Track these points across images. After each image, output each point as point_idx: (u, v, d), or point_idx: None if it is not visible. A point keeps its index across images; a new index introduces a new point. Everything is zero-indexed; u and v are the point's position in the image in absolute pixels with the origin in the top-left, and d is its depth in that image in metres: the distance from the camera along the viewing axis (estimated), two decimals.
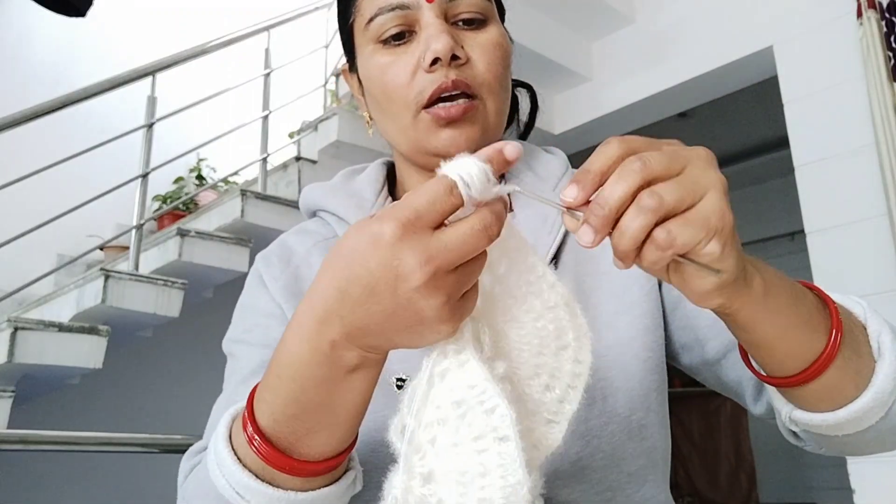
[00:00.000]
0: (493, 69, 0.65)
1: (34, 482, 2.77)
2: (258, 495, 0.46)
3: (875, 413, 0.50)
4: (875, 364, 0.50)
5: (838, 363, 0.48)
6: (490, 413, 0.39)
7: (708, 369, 0.68)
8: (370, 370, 0.44)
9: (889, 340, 0.51)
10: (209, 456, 0.50)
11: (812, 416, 0.51)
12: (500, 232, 0.40)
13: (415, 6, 0.64)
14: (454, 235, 0.38)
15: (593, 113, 3.30)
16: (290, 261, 0.71)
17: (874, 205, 2.29)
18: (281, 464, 0.45)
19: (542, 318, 0.45)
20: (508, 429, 0.38)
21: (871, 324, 0.52)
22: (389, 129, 0.69)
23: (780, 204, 4.72)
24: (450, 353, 0.41)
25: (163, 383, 3.16)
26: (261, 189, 3.03)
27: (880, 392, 0.49)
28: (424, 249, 0.37)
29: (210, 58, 3.11)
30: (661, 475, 0.66)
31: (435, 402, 0.40)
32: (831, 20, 2.51)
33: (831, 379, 0.48)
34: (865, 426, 0.51)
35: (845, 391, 0.50)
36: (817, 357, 0.48)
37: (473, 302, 0.42)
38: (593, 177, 0.39)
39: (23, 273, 2.85)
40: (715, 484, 4.51)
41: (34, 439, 1.50)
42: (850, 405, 0.49)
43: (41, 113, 2.54)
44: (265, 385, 0.46)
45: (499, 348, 0.45)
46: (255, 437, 0.46)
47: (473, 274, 0.40)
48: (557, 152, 0.77)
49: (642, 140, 0.41)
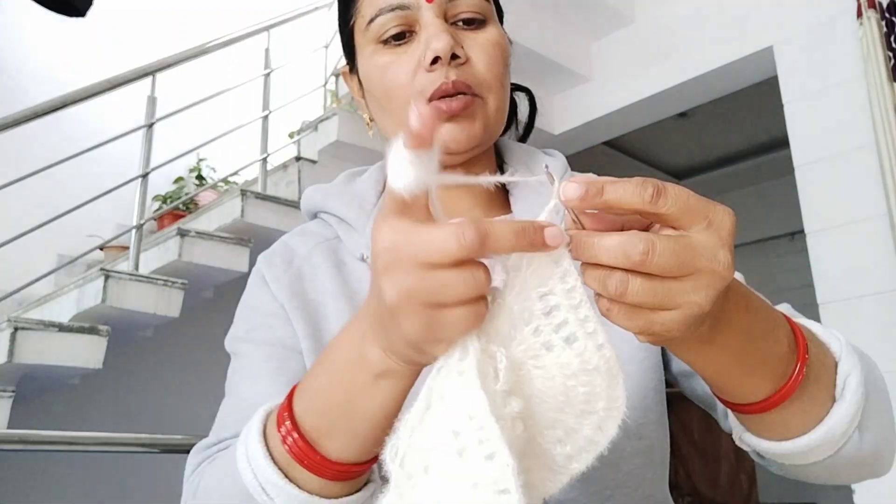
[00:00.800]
0: (492, 68, 0.66)
1: (34, 482, 2.77)
2: (282, 494, 0.47)
3: (823, 450, 0.49)
4: (832, 404, 0.49)
5: (790, 405, 0.47)
6: (489, 460, 0.36)
7: (685, 380, 0.69)
8: (395, 384, 0.43)
9: (855, 383, 0.49)
10: (238, 449, 0.50)
11: (759, 442, 0.51)
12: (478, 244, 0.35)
13: (415, 6, 0.64)
14: (421, 231, 0.36)
15: (593, 113, 3.31)
16: (292, 261, 0.72)
17: (874, 205, 2.29)
18: (304, 457, 0.46)
19: (576, 379, 0.41)
20: (510, 482, 0.35)
21: (843, 362, 0.51)
22: (390, 128, 0.69)
23: (780, 204, 4.73)
24: (452, 373, 0.38)
25: (163, 383, 3.16)
26: (261, 189, 3.03)
27: (830, 433, 0.48)
28: (392, 234, 0.37)
29: (210, 58, 3.12)
30: (660, 474, 0.67)
31: (432, 426, 0.37)
32: (831, 20, 2.51)
33: (781, 415, 0.48)
34: (812, 460, 0.50)
35: (791, 428, 0.49)
36: (762, 399, 0.47)
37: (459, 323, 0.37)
38: (600, 202, 0.38)
39: (23, 273, 2.85)
40: (715, 484, 4.51)
41: (34, 439, 1.50)
42: (797, 439, 0.49)
43: (41, 113, 2.54)
44: (308, 374, 0.48)
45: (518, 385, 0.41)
46: (290, 428, 0.47)
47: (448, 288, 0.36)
48: (556, 154, 0.77)
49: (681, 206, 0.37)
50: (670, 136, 4.56)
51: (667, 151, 4.87)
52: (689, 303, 0.37)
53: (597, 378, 0.41)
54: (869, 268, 2.29)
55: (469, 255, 0.35)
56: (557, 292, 0.40)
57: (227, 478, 0.51)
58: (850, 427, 0.49)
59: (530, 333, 0.40)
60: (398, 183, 0.36)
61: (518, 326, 0.41)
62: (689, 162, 5.07)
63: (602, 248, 0.37)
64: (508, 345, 0.41)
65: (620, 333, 0.64)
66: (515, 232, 0.37)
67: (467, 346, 0.38)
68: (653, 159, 4.96)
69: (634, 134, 3.63)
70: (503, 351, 0.40)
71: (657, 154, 4.90)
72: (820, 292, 2.39)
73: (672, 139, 4.63)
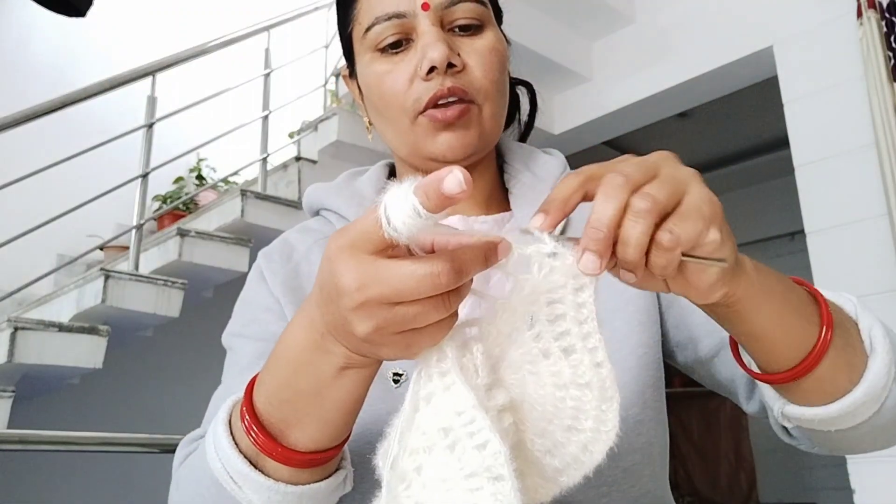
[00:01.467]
0: (489, 75, 0.66)
1: (34, 482, 2.77)
2: (250, 482, 0.47)
3: (868, 407, 0.50)
4: (867, 358, 0.50)
5: (831, 356, 0.48)
6: (481, 449, 0.36)
7: (702, 367, 0.69)
8: (360, 372, 0.43)
9: (881, 335, 0.51)
10: (207, 440, 0.51)
11: (804, 411, 0.51)
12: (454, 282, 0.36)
13: (411, 14, 0.64)
14: (393, 272, 0.36)
15: (593, 113, 3.31)
16: (290, 257, 0.72)
17: (874, 205, 2.29)
18: (270, 449, 0.46)
19: (566, 391, 0.40)
20: (503, 467, 0.36)
21: (862, 319, 0.52)
22: (388, 134, 0.70)
23: (780, 204, 4.72)
24: (434, 375, 0.38)
25: (163, 383, 3.16)
26: (261, 189, 3.03)
27: (873, 386, 0.49)
28: (360, 274, 0.36)
29: (210, 58, 3.12)
30: (659, 471, 0.67)
31: (420, 428, 0.38)
32: (831, 20, 2.51)
33: (824, 372, 0.49)
34: (858, 421, 0.51)
35: (838, 384, 0.50)
36: (811, 349, 0.48)
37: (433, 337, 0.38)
38: (558, 203, 0.39)
39: (23, 273, 2.85)
40: (715, 484, 4.51)
41: (34, 439, 1.50)
42: (843, 399, 0.49)
43: (41, 113, 2.54)
44: (266, 367, 0.48)
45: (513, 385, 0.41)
46: (250, 422, 0.47)
47: (421, 317, 0.37)
48: (556, 153, 0.77)
49: (595, 165, 0.41)
50: (670, 136, 4.56)
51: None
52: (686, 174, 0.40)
53: (587, 394, 0.40)
54: (869, 268, 2.29)
55: (443, 291, 0.36)
56: (567, 303, 0.40)
57: (200, 467, 0.52)
58: (889, 378, 0.50)
59: (531, 338, 0.40)
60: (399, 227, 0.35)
61: (520, 329, 0.41)
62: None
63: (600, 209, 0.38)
64: (508, 345, 0.41)
65: (619, 332, 0.65)
66: (482, 259, 0.38)
67: (443, 349, 0.39)
68: None
69: (634, 134, 3.63)
70: (479, 346, 0.40)
71: None
72: None
73: (672, 139, 4.63)
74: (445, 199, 0.34)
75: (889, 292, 2.23)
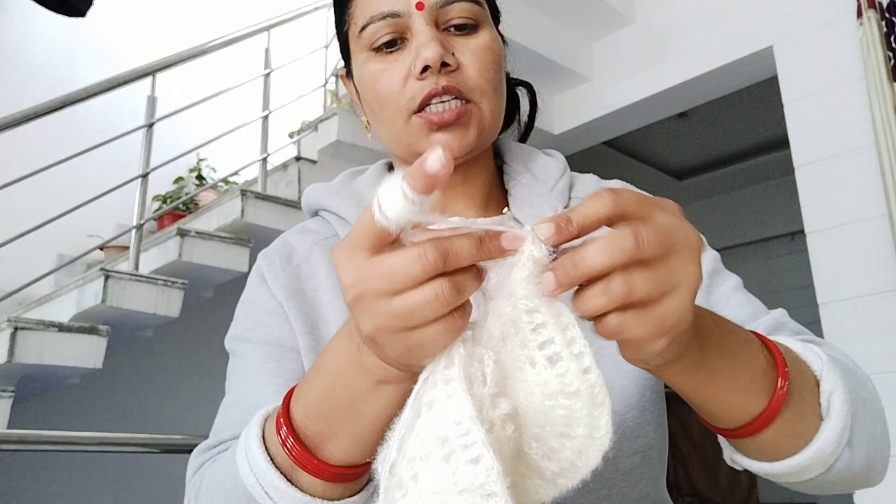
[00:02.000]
0: (484, 73, 0.66)
1: (34, 482, 2.77)
2: (285, 497, 0.48)
3: (814, 469, 0.49)
4: (820, 423, 0.49)
5: (776, 425, 0.47)
6: (475, 464, 0.36)
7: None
8: (395, 388, 0.43)
9: (840, 400, 0.49)
10: (239, 453, 0.51)
11: (749, 462, 0.52)
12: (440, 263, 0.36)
13: (405, 14, 0.64)
14: (384, 262, 0.36)
15: (593, 113, 3.31)
16: (290, 259, 0.72)
17: (874, 205, 2.29)
18: (305, 462, 0.46)
19: (555, 399, 0.39)
20: (496, 484, 0.35)
21: (825, 381, 0.50)
22: (384, 133, 0.70)
23: (780, 204, 4.73)
24: (439, 382, 0.38)
25: (163, 383, 3.16)
26: (261, 189, 3.03)
27: (820, 452, 0.48)
28: (355, 270, 0.37)
29: (210, 58, 3.12)
30: (657, 473, 0.67)
31: (420, 435, 0.37)
32: (831, 20, 2.51)
33: (769, 437, 0.48)
34: (804, 479, 0.51)
35: (781, 449, 0.49)
36: (751, 420, 0.47)
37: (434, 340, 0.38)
38: (573, 228, 0.38)
39: (23, 273, 2.85)
40: (715, 484, 4.51)
41: (34, 439, 1.50)
42: (787, 460, 0.49)
43: (41, 113, 2.54)
44: (306, 379, 0.48)
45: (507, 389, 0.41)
46: (287, 433, 0.47)
47: (417, 311, 0.36)
48: (556, 154, 0.77)
49: (636, 200, 0.38)
50: (670, 136, 4.56)
51: (667, 151, 4.87)
52: (687, 275, 0.38)
53: (577, 402, 0.39)
54: (869, 268, 2.29)
55: (433, 273, 0.36)
56: (544, 311, 0.39)
57: (228, 480, 0.52)
58: (839, 445, 0.49)
59: (518, 345, 0.40)
60: (390, 213, 0.36)
61: (508, 334, 0.40)
62: (689, 162, 5.07)
63: (592, 255, 0.36)
64: (501, 348, 0.41)
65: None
66: (475, 244, 0.37)
67: (452, 354, 0.38)
68: (653, 159, 4.96)
69: (634, 134, 3.63)
70: (490, 354, 0.40)
71: (657, 154, 4.89)
72: (820, 292, 2.39)
73: (672, 139, 4.63)
74: (429, 177, 0.35)
75: (889, 292, 2.23)
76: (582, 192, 0.74)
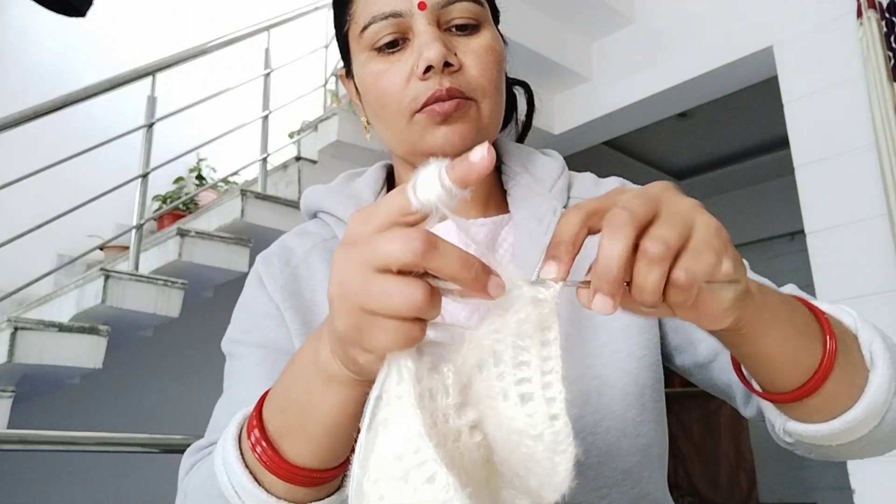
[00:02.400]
0: (486, 74, 0.66)
1: (34, 482, 2.77)
2: (251, 497, 0.48)
3: (868, 423, 0.50)
4: (868, 373, 0.50)
5: (834, 374, 0.48)
6: (431, 482, 0.35)
7: (699, 371, 0.69)
8: (343, 387, 0.42)
9: (881, 350, 0.50)
10: (216, 452, 0.51)
11: (806, 427, 0.51)
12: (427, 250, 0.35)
13: (407, 14, 0.64)
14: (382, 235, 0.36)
15: (593, 113, 3.31)
16: (289, 261, 0.72)
17: (874, 205, 2.29)
18: (267, 459, 0.46)
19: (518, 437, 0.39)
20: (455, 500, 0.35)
21: (862, 333, 0.52)
22: (385, 133, 0.69)
23: (780, 204, 4.72)
24: (392, 399, 0.37)
25: (163, 383, 3.16)
26: (261, 189, 3.03)
27: (873, 402, 0.49)
28: (353, 233, 0.38)
29: (210, 58, 3.11)
30: (658, 472, 0.67)
31: (380, 454, 0.37)
32: (831, 20, 2.51)
33: (828, 391, 0.48)
34: (859, 436, 0.51)
35: (840, 402, 0.49)
36: (815, 369, 0.48)
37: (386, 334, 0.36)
38: (566, 246, 0.38)
39: (23, 273, 2.85)
40: (715, 484, 4.51)
41: (34, 439, 1.50)
42: (844, 416, 0.49)
43: (41, 113, 2.54)
44: (280, 375, 0.48)
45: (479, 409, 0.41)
46: (255, 429, 0.47)
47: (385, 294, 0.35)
48: (554, 154, 0.77)
49: (595, 200, 0.40)
50: (670, 136, 4.56)
51: (667, 151, 4.87)
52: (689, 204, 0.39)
53: (539, 446, 0.39)
54: (869, 268, 2.29)
55: (412, 260, 0.35)
56: (533, 353, 0.39)
57: (209, 479, 0.52)
58: (889, 392, 0.50)
59: (495, 375, 0.40)
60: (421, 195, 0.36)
61: (486, 363, 0.40)
62: (689, 162, 5.06)
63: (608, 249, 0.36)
64: (475, 374, 0.41)
65: (618, 334, 0.64)
66: (462, 260, 0.36)
67: (402, 370, 0.38)
68: (653, 159, 4.96)
69: (634, 134, 3.63)
70: (450, 366, 0.40)
71: (657, 154, 4.89)
72: (820, 292, 2.39)
73: (672, 139, 4.63)
74: (469, 165, 0.35)
75: (889, 292, 2.23)
76: (580, 192, 0.74)
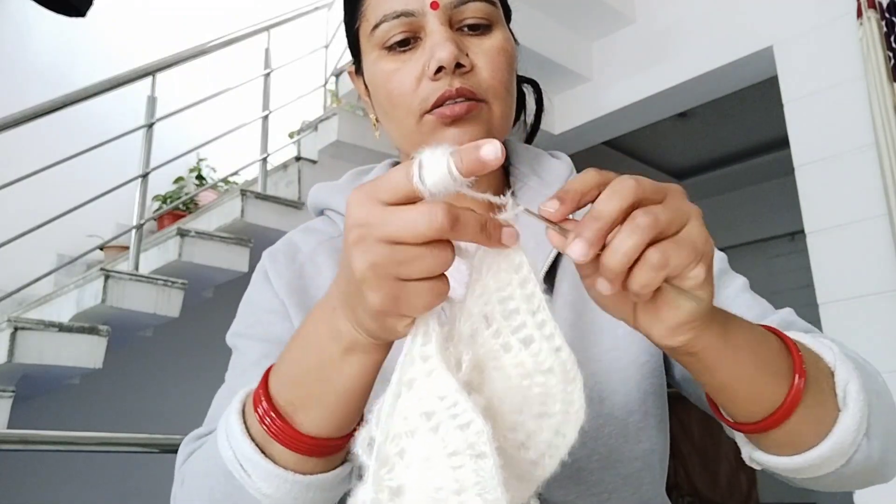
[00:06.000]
0: (497, 75, 0.65)
1: (34, 482, 2.77)
2: (258, 469, 0.48)
3: (834, 461, 0.49)
4: (838, 413, 0.49)
5: (799, 412, 0.47)
6: (465, 428, 0.37)
7: (688, 385, 0.68)
8: (365, 357, 0.43)
9: (855, 390, 0.49)
10: (219, 429, 0.51)
11: (769, 458, 0.51)
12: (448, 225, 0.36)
13: (420, 13, 0.63)
14: (397, 213, 0.37)
15: (593, 113, 3.31)
16: (295, 258, 0.72)
17: (874, 205, 2.29)
18: (277, 431, 0.47)
19: (531, 379, 0.42)
20: (485, 445, 0.37)
21: (839, 371, 0.51)
22: (394, 132, 0.69)
23: (780, 204, 4.72)
24: (416, 359, 0.39)
25: (163, 383, 3.16)
26: (261, 189, 3.03)
27: (839, 442, 0.49)
28: (368, 213, 0.38)
29: (210, 58, 3.12)
30: (658, 477, 0.67)
31: (403, 414, 0.38)
32: (831, 20, 2.51)
33: (792, 427, 0.48)
34: (825, 472, 0.50)
35: (805, 439, 0.49)
36: (779, 405, 0.47)
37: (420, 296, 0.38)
38: (573, 195, 0.40)
39: (23, 273, 2.85)
40: (715, 484, 4.51)
41: (34, 439, 1.50)
42: (808, 453, 0.49)
43: (41, 113, 2.54)
44: (284, 349, 0.48)
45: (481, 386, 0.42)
46: (262, 403, 0.47)
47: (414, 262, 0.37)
48: (562, 156, 0.76)
49: (617, 174, 0.41)
50: (670, 136, 4.56)
51: (667, 151, 4.87)
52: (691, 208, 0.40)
53: (552, 379, 0.42)
54: (869, 268, 2.29)
55: (437, 235, 0.37)
56: (517, 297, 0.41)
57: (210, 459, 0.52)
58: (859, 434, 0.49)
59: (491, 335, 0.42)
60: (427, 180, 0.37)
61: (479, 330, 0.42)
62: (689, 162, 5.06)
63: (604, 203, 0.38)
64: (471, 345, 0.42)
65: (621, 340, 0.64)
66: (481, 223, 0.38)
67: (429, 330, 0.39)
68: (653, 159, 4.96)
69: (634, 134, 3.63)
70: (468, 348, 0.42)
71: (657, 154, 4.89)
72: (820, 292, 2.39)
73: (672, 139, 4.63)
74: (479, 162, 0.36)
75: (889, 292, 2.23)
76: None
